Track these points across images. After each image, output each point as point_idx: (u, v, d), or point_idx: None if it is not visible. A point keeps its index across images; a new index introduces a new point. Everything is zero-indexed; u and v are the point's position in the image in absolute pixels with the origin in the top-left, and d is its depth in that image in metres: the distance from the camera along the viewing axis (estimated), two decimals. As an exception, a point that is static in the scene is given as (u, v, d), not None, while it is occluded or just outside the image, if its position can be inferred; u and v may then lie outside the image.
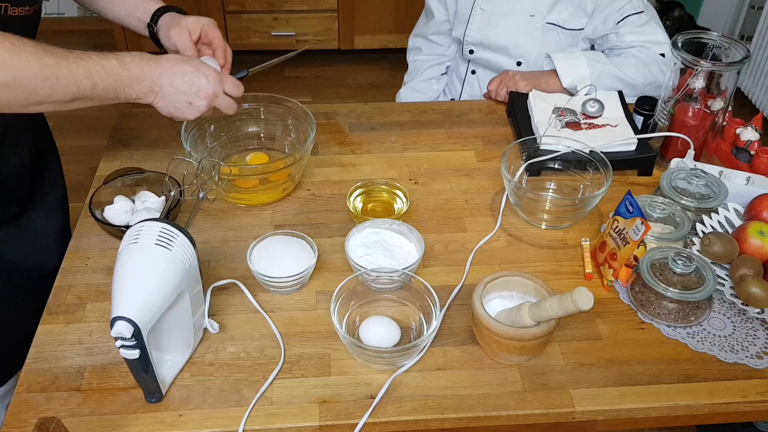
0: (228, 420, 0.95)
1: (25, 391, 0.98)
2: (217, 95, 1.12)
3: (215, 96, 1.11)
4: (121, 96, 1.04)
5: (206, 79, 1.10)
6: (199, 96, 1.10)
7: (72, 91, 0.98)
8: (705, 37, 1.35)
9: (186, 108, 1.10)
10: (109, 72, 1.01)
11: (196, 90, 1.09)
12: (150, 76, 1.06)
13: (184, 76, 1.08)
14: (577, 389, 1.00)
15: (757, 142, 1.36)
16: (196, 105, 1.10)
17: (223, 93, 1.13)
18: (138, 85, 1.05)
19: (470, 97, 1.84)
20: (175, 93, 1.08)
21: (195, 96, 1.09)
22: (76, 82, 0.98)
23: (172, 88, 1.07)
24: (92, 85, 0.99)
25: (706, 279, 1.07)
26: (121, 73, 1.02)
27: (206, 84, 1.10)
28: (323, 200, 1.32)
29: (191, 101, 1.10)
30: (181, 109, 1.10)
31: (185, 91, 1.08)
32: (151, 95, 1.07)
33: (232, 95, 1.15)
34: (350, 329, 1.06)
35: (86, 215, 1.24)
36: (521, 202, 1.27)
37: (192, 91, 1.09)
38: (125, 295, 0.88)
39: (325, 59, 3.59)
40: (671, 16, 3.31)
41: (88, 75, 0.99)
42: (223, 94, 1.13)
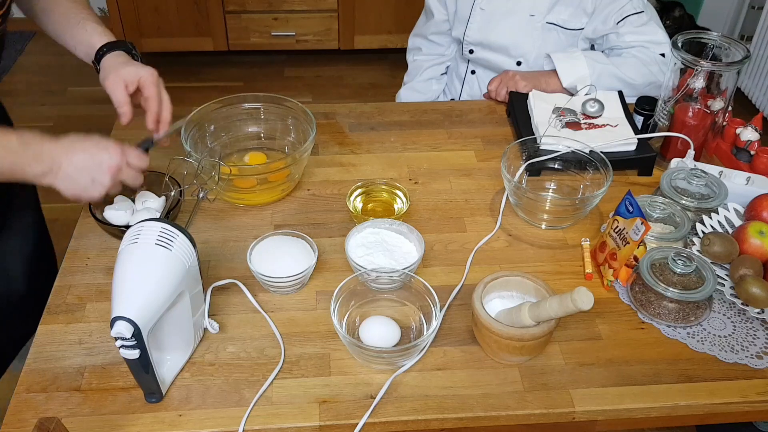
0: (228, 420, 0.95)
1: (25, 391, 0.98)
2: (121, 168, 1.05)
3: (118, 169, 1.05)
4: (17, 174, 1.00)
5: (108, 153, 1.04)
6: (102, 170, 1.03)
7: None
8: (705, 37, 1.35)
9: (89, 185, 1.04)
10: (9, 151, 0.98)
11: (98, 163, 1.03)
12: (50, 154, 1.01)
13: (84, 152, 1.03)
14: (577, 389, 1.00)
15: (757, 142, 1.36)
16: (99, 180, 1.04)
17: (127, 166, 1.06)
18: (36, 163, 1.00)
19: (470, 97, 1.84)
20: (76, 170, 1.02)
21: (97, 171, 1.03)
22: None
23: (72, 166, 1.02)
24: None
25: (706, 279, 1.07)
26: (18, 151, 0.98)
27: (108, 158, 1.03)
28: (323, 200, 1.32)
29: (94, 177, 1.03)
30: (84, 187, 1.04)
31: (87, 167, 1.02)
32: (50, 175, 1.01)
33: (136, 167, 1.08)
34: (350, 329, 1.06)
35: (86, 215, 1.24)
36: (521, 202, 1.27)
37: (93, 166, 1.03)
38: (125, 295, 0.88)
39: (325, 59, 3.59)
40: (671, 16, 3.31)
41: None
42: (127, 166, 1.06)
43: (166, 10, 3.22)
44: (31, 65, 3.48)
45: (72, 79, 3.32)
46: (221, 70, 3.48)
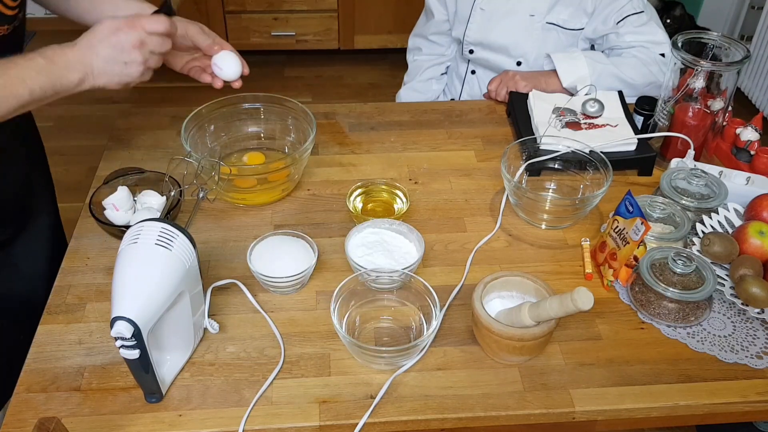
0: (228, 420, 0.95)
1: (25, 391, 0.98)
2: (143, 40, 1.04)
3: (141, 42, 1.04)
4: (60, 91, 1.01)
5: (124, 32, 1.03)
6: (127, 51, 1.03)
7: (13, 104, 0.97)
8: (705, 37, 1.35)
9: (125, 69, 1.04)
10: (38, 71, 0.98)
11: (121, 47, 1.03)
12: (75, 59, 1.01)
13: (102, 43, 1.02)
14: (577, 389, 1.00)
15: (757, 142, 1.36)
16: (131, 60, 1.04)
17: (149, 34, 1.05)
18: (70, 72, 1.01)
19: (470, 97, 1.84)
20: (105, 63, 1.03)
21: (124, 53, 1.03)
22: (13, 92, 0.96)
23: (100, 59, 1.02)
24: (29, 91, 0.98)
25: (706, 279, 1.07)
26: (49, 68, 0.99)
27: (126, 37, 1.03)
28: (323, 200, 1.32)
29: (124, 60, 1.03)
30: (121, 73, 1.04)
31: (113, 56, 1.03)
32: (88, 78, 1.03)
33: (157, 31, 1.06)
34: (350, 329, 1.06)
35: (86, 215, 1.24)
36: (521, 202, 1.27)
37: (118, 52, 1.03)
38: (125, 295, 0.88)
39: (325, 59, 3.59)
40: (671, 15, 3.31)
41: (21, 82, 0.97)
42: (149, 35, 1.05)
43: (165, 10, 3.22)
44: (31, 65, 3.47)
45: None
46: (221, 71, 3.47)
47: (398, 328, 1.08)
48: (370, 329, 1.08)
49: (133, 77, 1.06)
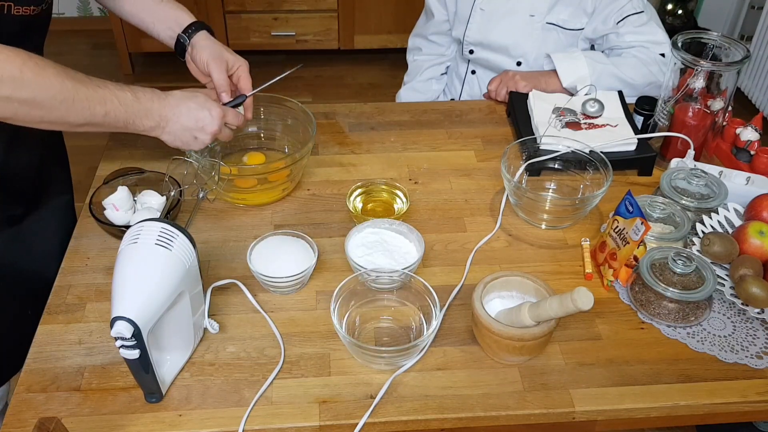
0: (228, 420, 0.95)
1: (25, 391, 0.98)
2: (221, 130, 1.18)
3: (218, 131, 1.17)
4: (129, 127, 1.09)
5: (210, 115, 1.15)
6: (204, 131, 1.15)
7: (86, 115, 1.02)
8: (705, 37, 1.35)
9: (191, 142, 1.16)
10: (122, 102, 1.05)
11: (201, 126, 1.14)
12: (159, 112, 1.10)
13: (189, 112, 1.13)
14: (577, 389, 1.00)
15: (757, 142, 1.36)
16: (201, 139, 1.16)
17: (225, 125, 1.19)
18: (147, 119, 1.09)
19: (470, 97, 1.84)
20: (181, 129, 1.13)
21: (200, 131, 1.15)
22: (91, 108, 1.02)
23: (178, 124, 1.13)
24: (105, 112, 1.04)
25: (706, 279, 1.07)
26: (133, 106, 1.07)
27: (210, 121, 1.15)
28: (323, 200, 1.32)
29: (197, 136, 1.15)
30: (186, 143, 1.16)
31: (191, 127, 1.14)
32: (158, 130, 1.12)
33: (232, 125, 1.21)
34: (350, 329, 1.06)
35: (86, 215, 1.24)
36: (521, 202, 1.27)
37: (197, 127, 1.14)
38: (125, 295, 0.88)
39: (325, 59, 3.59)
40: (672, 15, 3.31)
41: (102, 102, 1.03)
42: (225, 126, 1.19)
43: (166, 10, 3.21)
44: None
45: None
46: (221, 70, 3.47)
47: (398, 328, 1.08)
48: (370, 329, 1.08)
49: (191, 148, 1.18)
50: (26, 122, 0.99)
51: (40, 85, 0.96)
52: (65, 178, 1.40)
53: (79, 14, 3.69)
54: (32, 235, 1.27)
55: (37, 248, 1.28)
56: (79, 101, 1.00)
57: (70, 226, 1.33)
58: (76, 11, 3.69)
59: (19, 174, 1.23)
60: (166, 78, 3.50)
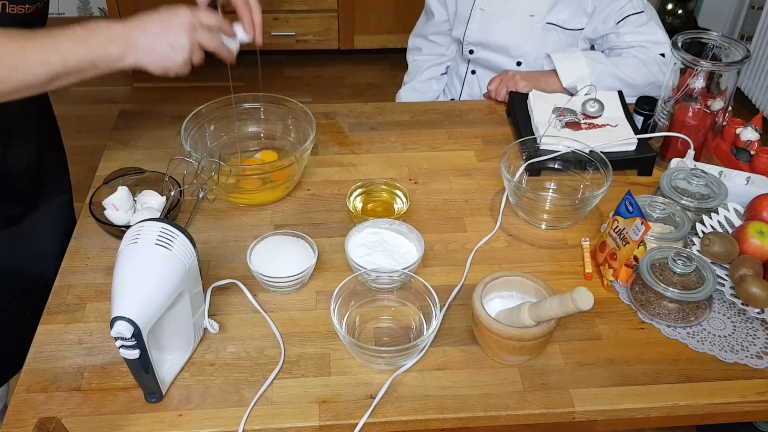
0: (228, 420, 0.95)
1: (25, 391, 0.98)
2: (195, 27, 1.04)
3: (193, 27, 1.03)
4: (98, 63, 0.98)
5: (176, 14, 1.02)
6: (176, 32, 1.01)
7: (43, 71, 0.94)
8: (705, 37, 1.35)
9: (170, 51, 1.02)
10: (76, 41, 0.95)
11: (170, 27, 1.01)
12: (121, 33, 0.99)
13: (153, 21, 1.01)
14: (577, 389, 1.00)
15: (757, 142, 1.36)
16: (178, 43, 1.02)
17: (201, 26, 1.05)
18: (111, 45, 0.98)
19: (470, 97, 1.84)
20: (152, 40, 1.00)
21: (172, 34, 1.01)
22: (45, 61, 0.93)
23: (146, 36, 1.00)
24: (62, 59, 0.94)
25: (706, 279, 1.07)
26: (90, 40, 0.96)
27: (178, 18, 1.02)
28: (323, 200, 1.32)
29: (171, 41, 1.01)
30: (165, 55, 1.02)
31: (161, 33, 1.01)
32: (130, 54, 0.99)
33: (209, 24, 1.06)
34: (350, 329, 1.06)
35: (86, 215, 1.24)
36: (521, 202, 1.27)
37: (167, 31, 1.01)
38: (125, 295, 0.88)
39: (325, 59, 3.59)
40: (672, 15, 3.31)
41: (54, 51, 0.94)
42: (201, 27, 1.05)
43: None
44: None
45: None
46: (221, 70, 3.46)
47: (398, 328, 1.08)
48: (370, 329, 1.08)
49: (176, 63, 1.03)
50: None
51: None
52: (64, 178, 1.40)
53: (79, 14, 3.69)
54: (31, 235, 1.27)
55: (36, 248, 1.28)
56: (29, 59, 0.92)
57: (69, 225, 1.33)
58: (76, 11, 3.68)
59: (17, 174, 1.22)
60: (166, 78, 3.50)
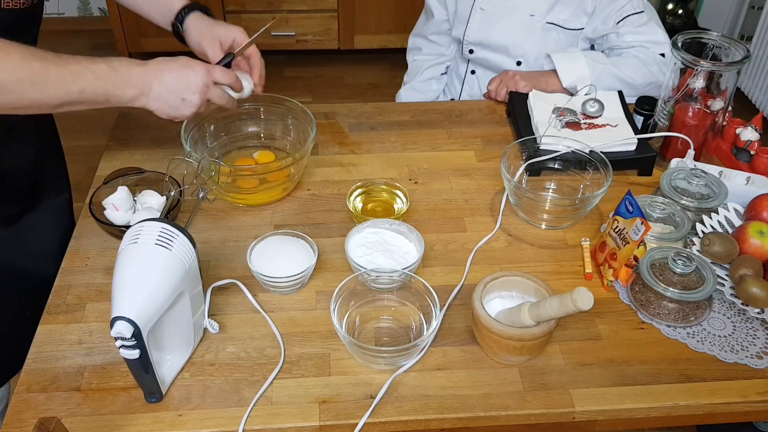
0: (228, 420, 0.95)
1: (25, 391, 0.98)
2: (209, 86, 1.11)
3: (206, 88, 1.11)
4: (111, 99, 1.04)
5: (194, 72, 1.09)
6: (191, 90, 1.09)
7: (60, 95, 0.99)
8: (705, 37, 1.35)
9: (180, 105, 1.10)
10: (97, 75, 1.01)
11: (187, 85, 1.09)
12: (139, 78, 1.06)
13: (171, 73, 1.08)
14: (577, 389, 1.00)
15: (757, 142, 1.36)
16: (189, 100, 1.10)
17: (214, 84, 1.13)
18: (127, 87, 1.05)
19: (470, 97, 1.84)
20: (166, 92, 1.08)
21: (186, 91, 1.09)
22: (64, 86, 0.98)
23: (162, 87, 1.07)
24: (80, 89, 1.00)
25: (706, 279, 1.07)
26: (109, 76, 1.02)
27: (195, 77, 1.09)
28: (323, 200, 1.32)
29: (184, 97, 1.09)
30: (175, 107, 1.10)
31: (176, 89, 1.08)
32: (142, 98, 1.07)
33: (222, 83, 1.14)
34: (350, 329, 1.06)
35: (86, 215, 1.24)
36: (521, 202, 1.27)
37: (182, 87, 1.09)
38: (125, 295, 0.88)
39: (325, 59, 3.59)
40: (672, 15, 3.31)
41: (75, 79, 0.99)
42: (214, 84, 1.13)
43: (166, 10, 3.21)
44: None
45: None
46: (221, 70, 3.47)
47: (398, 328, 1.08)
48: (370, 329, 1.08)
49: (183, 114, 1.12)
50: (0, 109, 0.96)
51: (6, 69, 0.93)
52: (62, 177, 1.40)
53: (79, 14, 3.69)
54: (29, 235, 1.27)
55: (35, 248, 1.27)
56: (51, 81, 0.96)
57: (67, 224, 1.33)
58: (76, 11, 3.68)
59: (15, 173, 1.22)
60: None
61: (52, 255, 1.26)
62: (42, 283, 1.17)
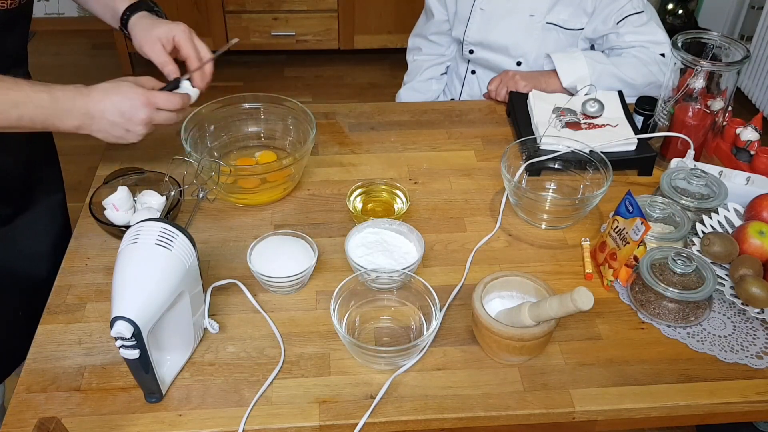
0: (228, 420, 0.95)
1: (25, 391, 0.98)
2: (152, 117, 1.10)
3: (150, 119, 1.09)
4: (50, 128, 1.04)
5: (135, 106, 1.08)
6: (133, 122, 1.08)
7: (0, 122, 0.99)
8: (705, 37, 1.35)
9: (125, 134, 1.10)
10: (38, 104, 1.01)
11: (128, 117, 1.08)
12: (81, 110, 1.05)
13: (114, 106, 1.06)
14: (577, 389, 1.00)
15: (757, 142, 1.36)
16: (134, 131, 1.09)
17: (158, 111, 1.10)
18: (68, 119, 1.04)
19: (470, 97, 1.84)
20: (109, 125, 1.07)
21: (129, 123, 1.08)
22: (3, 112, 0.99)
23: (104, 120, 1.07)
24: (18, 116, 1.00)
25: (706, 279, 1.07)
26: (50, 106, 1.02)
27: (137, 112, 1.08)
28: (323, 200, 1.32)
29: (128, 128, 1.09)
30: (121, 137, 1.10)
31: (118, 122, 1.07)
32: (84, 129, 1.07)
33: (168, 109, 1.11)
34: (350, 329, 1.06)
35: (86, 215, 1.24)
36: (521, 202, 1.27)
37: (125, 119, 1.08)
38: (125, 295, 0.88)
39: (325, 59, 3.59)
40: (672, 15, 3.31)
41: (15, 106, 0.99)
42: (158, 111, 1.10)
43: (165, 10, 3.18)
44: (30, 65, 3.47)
45: (72, 79, 3.31)
46: (221, 70, 3.46)
47: (398, 328, 1.08)
48: (370, 329, 1.08)
49: (129, 141, 1.11)
50: None
51: None
52: (56, 178, 1.39)
53: (79, 14, 3.69)
54: (22, 236, 1.26)
55: (28, 249, 1.27)
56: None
57: (61, 225, 1.32)
58: (76, 11, 3.68)
59: (6, 174, 1.22)
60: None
61: (45, 256, 1.25)
62: (36, 283, 1.16)
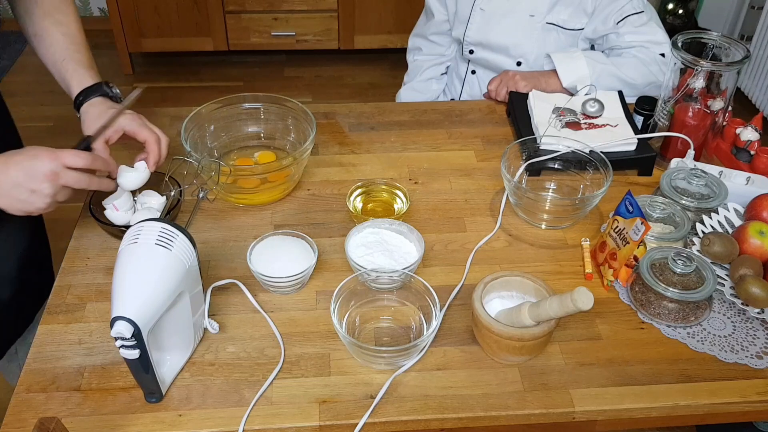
0: (228, 420, 0.95)
1: (25, 391, 0.98)
2: (58, 173, 0.99)
3: (56, 174, 0.99)
4: None
5: (39, 160, 0.98)
6: (38, 180, 0.98)
7: None
8: (705, 37, 1.35)
9: (30, 197, 0.99)
10: None
11: (32, 175, 0.98)
12: None
13: (17, 165, 0.98)
14: (577, 389, 1.00)
15: (757, 142, 1.36)
16: (39, 190, 0.99)
17: (66, 168, 1.00)
18: None
19: (470, 97, 1.84)
20: (11, 186, 0.98)
21: (33, 181, 0.98)
22: None
23: (7, 182, 0.98)
24: None
25: (706, 279, 1.07)
26: None
27: (41, 165, 0.98)
28: (323, 200, 1.32)
29: (32, 188, 0.99)
30: (25, 200, 1.00)
31: (21, 182, 0.98)
32: None
33: (75, 167, 1.01)
34: (350, 329, 1.06)
35: (86, 215, 1.24)
36: (521, 202, 1.27)
37: (28, 178, 0.98)
38: (125, 295, 0.88)
39: (325, 59, 3.59)
40: (672, 15, 3.31)
41: None
42: (66, 169, 1.00)
43: (166, 9, 3.21)
44: (31, 65, 3.48)
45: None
46: (221, 70, 3.48)
47: (398, 328, 1.08)
48: (370, 329, 1.08)
49: (37, 207, 1.01)
50: None
51: None
52: None
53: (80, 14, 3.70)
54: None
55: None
56: None
57: (29, 249, 1.27)
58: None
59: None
60: (166, 78, 3.50)
61: (9, 279, 1.22)
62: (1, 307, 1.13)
